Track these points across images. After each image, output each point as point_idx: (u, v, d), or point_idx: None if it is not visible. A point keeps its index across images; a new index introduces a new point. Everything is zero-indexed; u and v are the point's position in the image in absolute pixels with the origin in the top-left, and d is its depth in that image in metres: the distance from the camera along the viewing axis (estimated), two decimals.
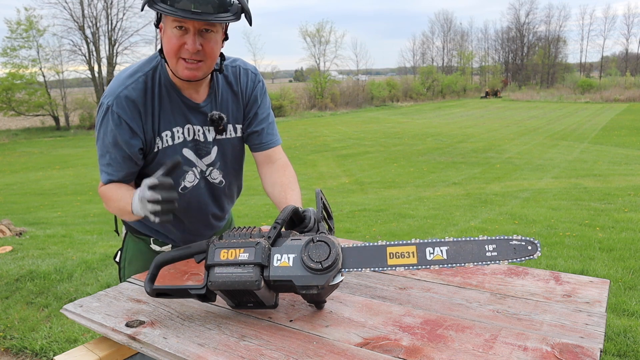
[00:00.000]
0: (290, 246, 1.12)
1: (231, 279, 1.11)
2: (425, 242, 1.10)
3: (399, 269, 1.10)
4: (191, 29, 1.33)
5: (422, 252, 1.10)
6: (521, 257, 1.07)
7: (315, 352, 1.05)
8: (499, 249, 1.08)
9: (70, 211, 9.03)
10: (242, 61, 1.63)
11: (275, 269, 1.11)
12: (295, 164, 2.02)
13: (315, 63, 43.36)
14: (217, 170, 1.62)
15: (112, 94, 1.42)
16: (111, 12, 31.53)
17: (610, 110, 29.14)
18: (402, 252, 1.11)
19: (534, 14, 72.18)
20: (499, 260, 1.07)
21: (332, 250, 1.08)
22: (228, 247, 1.13)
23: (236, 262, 1.11)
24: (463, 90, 50.79)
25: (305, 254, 1.09)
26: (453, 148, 15.72)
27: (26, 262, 4.70)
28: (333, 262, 1.08)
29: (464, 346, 1.04)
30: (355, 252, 1.13)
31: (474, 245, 1.09)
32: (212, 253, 1.14)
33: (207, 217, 1.69)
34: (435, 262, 1.09)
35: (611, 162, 12.03)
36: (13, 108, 28.10)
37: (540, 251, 1.06)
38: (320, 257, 1.08)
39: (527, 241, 1.07)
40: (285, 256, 1.11)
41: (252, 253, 1.11)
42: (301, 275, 1.09)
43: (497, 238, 1.09)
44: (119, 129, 1.41)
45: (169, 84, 1.48)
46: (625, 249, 4.74)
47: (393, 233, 5.88)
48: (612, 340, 2.89)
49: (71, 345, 2.94)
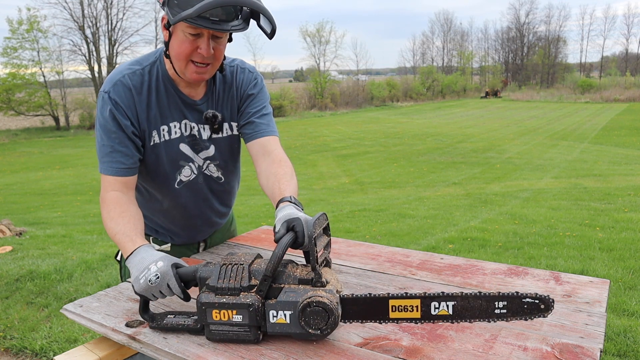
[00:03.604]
0: (285, 303, 1.07)
1: (229, 336, 1.10)
2: (431, 295, 1.04)
3: (401, 322, 1.06)
4: (205, 34, 1.35)
5: (427, 307, 1.04)
6: (533, 316, 1.01)
7: (315, 352, 1.05)
8: (510, 306, 1.01)
9: (70, 211, 9.03)
10: (240, 61, 1.63)
11: (272, 325, 1.08)
12: (295, 164, 2.01)
13: (315, 63, 43.38)
14: (214, 166, 1.62)
15: (109, 82, 1.44)
16: (111, 12, 31.55)
17: (610, 110, 29.14)
18: (405, 305, 1.05)
19: (534, 14, 72.33)
20: (507, 319, 1.02)
21: (331, 317, 1.04)
22: (219, 308, 1.09)
23: (231, 324, 1.09)
24: (463, 90, 50.78)
25: (302, 319, 1.05)
26: (453, 148, 15.72)
27: (26, 262, 4.70)
28: (332, 328, 1.05)
29: (464, 346, 1.04)
30: (356, 304, 1.08)
31: (483, 301, 1.02)
32: (202, 312, 1.10)
33: (206, 213, 1.69)
34: (439, 317, 1.04)
35: (611, 162, 12.02)
36: (13, 108, 28.09)
37: (552, 309, 1.00)
38: (319, 325, 1.04)
39: (540, 299, 1.00)
40: (281, 313, 1.07)
41: (246, 316, 1.08)
42: (300, 333, 1.07)
43: (509, 294, 1.01)
44: (118, 113, 1.42)
45: (167, 80, 1.49)
46: (625, 249, 4.74)
47: (393, 233, 5.88)
48: (612, 340, 2.89)
49: (71, 345, 2.94)
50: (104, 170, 1.43)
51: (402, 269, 1.51)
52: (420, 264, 1.54)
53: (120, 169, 1.43)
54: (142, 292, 1.20)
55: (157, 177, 1.55)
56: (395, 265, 1.54)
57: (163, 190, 1.58)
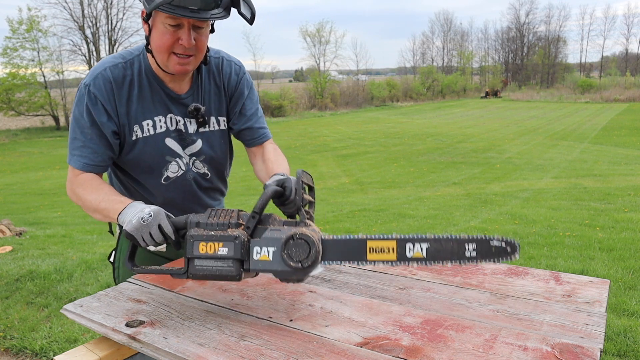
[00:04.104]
0: (270, 239, 1.12)
1: (211, 272, 1.13)
2: (406, 237, 1.10)
3: (377, 264, 1.11)
4: (185, 24, 1.34)
5: (402, 249, 1.10)
6: (500, 259, 1.07)
7: (315, 352, 1.05)
8: (479, 249, 1.08)
9: (70, 211, 9.03)
10: (225, 53, 1.63)
11: (255, 262, 1.12)
12: (295, 164, 2.03)
13: (315, 63, 43.39)
14: (200, 162, 1.61)
15: (91, 75, 1.44)
16: (111, 12, 31.57)
17: (610, 110, 29.14)
18: (382, 247, 1.10)
19: (534, 14, 72.33)
20: (477, 261, 1.07)
21: (312, 249, 1.08)
22: (206, 240, 1.13)
23: (215, 257, 1.13)
24: (463, 90, 50.79)
25: (285, 251, 1.09)
26: (453, 148, 15.72)
27: (26, 262, 4.70)
28: (313, 261, 1.09)
29: (464, 346, 1.04)
30: (335, 245, 1.13)
31: (454, 244, 1.08)
32: (190, 245, 1.14)
33: (196, 210, 1.66)
34: (414, 259, 1.09)
35: (611, 162, 12.02)
36: (13, 108, 28.07)
37: (519, 253, 1.06)
38: (301, 257, 1.08)
39: (507, 242, 1.07)
40: (265, 249, 1.12)
41: (231, 248, 1.12)
42: (281, 270, 1.11)
43: (478, 238, 1.08)
44: (95, 108, 1.42)
45: (150, 74, 1.48)
46: (625, 249, 4.74)
47: (393, 232, 5.88)
48: (612, 340, 2.89)
49: (71, 345, 2.94)
50: (73, 163, 1.46)
51: (402, 269, 1.51)
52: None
53: (88, 165, 1.44)
54: (132, 232, 1.22)
55: (141, 173, 1.54)
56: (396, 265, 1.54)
57: (149, 186, 1.57)
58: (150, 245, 1.25)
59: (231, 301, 1.30)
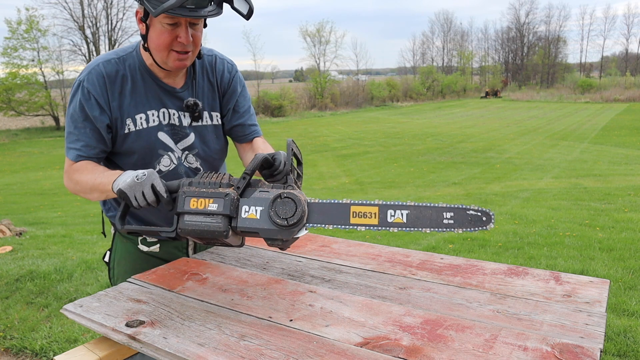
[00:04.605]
0: (258, 198, 1.16)
1: (200, 227, 1.16)
2: (388, 204, 1.15)
3: (360, 228, 1.14)
4: (183, 23, 1.39)
5: (384, 214, 1.14)
6: (476, 228, 1.11)
7: (315, 352, 1.05)
8: (456, 218, 1.12)
9: (70, 211, 9.03)
10: (218, 52, 1.69)
11: (243, 220, 1.15)
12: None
13: (315, 63, 43.35)
14: (192, 156, 1.63)
15: (85, 71, 1.49)
16: (111, 12, 31.54)
17: (610, 110, 29.13)
18: (364, 212, 1.15)
19: (534, 14, 72.23)
20: (454, 229, 1.11)
21: (299, 208, 1.12)
22: (198, 196, 1.17)
23: (205, 212, 1.15)
24: (463, 90, 50.76)
25: (272, 209, 1.13)
26: (453, 148, 15.72)
27: (26, 262, 4.70)
28: (299, 219, 1.12)
29: (464, 346, 1.04)
30: (320, 208, 1.17)
31: (433, 211, 1.13)
32: (182, 200, 1.18)
33: None
34: (395, 224, 1.13)
35: (611, 162, 12.02)
36: (13, 108, 28.05)
37: (493, 223, 1.10)
38: (287, 214, 1.12)
39: (482, 212, 1.11)
40: (253, 208, 1.15)
41: (221, 204, 1.15)
42: (268, 229, 1.14)
43: (455, 206, 1.13)
44: (88, 103, 1.46)
45: (143, 69, 1.52)
46: (625, 249, 4.74)
47: (393, 233, 5.88)
48: (612, 340, 2.89)
49: (71, 345, 2.94)
50: (69, 155, 1.51)
51: (402, 269, 1.51)
52: (420, 264, 1.54)
53: (82, 157, 1.49)
54: (125, 189, 1.25)
55: (134, 166, 1.55)
56: (396, 265, 1.54)
57: None
58: (142, 205, 1.26)
59: (231, 301, 1.31)
